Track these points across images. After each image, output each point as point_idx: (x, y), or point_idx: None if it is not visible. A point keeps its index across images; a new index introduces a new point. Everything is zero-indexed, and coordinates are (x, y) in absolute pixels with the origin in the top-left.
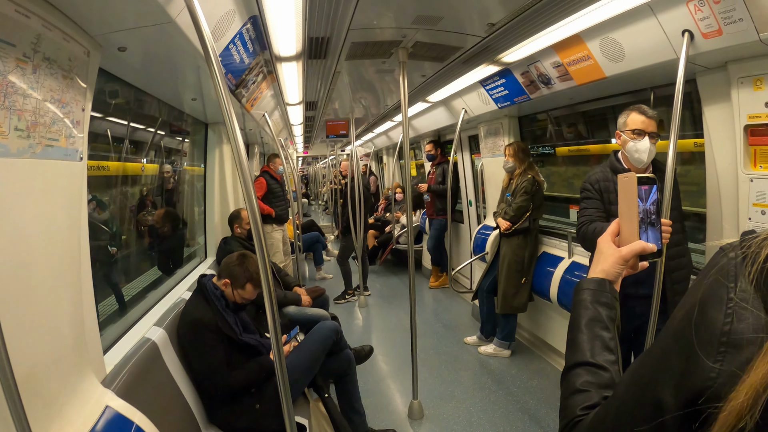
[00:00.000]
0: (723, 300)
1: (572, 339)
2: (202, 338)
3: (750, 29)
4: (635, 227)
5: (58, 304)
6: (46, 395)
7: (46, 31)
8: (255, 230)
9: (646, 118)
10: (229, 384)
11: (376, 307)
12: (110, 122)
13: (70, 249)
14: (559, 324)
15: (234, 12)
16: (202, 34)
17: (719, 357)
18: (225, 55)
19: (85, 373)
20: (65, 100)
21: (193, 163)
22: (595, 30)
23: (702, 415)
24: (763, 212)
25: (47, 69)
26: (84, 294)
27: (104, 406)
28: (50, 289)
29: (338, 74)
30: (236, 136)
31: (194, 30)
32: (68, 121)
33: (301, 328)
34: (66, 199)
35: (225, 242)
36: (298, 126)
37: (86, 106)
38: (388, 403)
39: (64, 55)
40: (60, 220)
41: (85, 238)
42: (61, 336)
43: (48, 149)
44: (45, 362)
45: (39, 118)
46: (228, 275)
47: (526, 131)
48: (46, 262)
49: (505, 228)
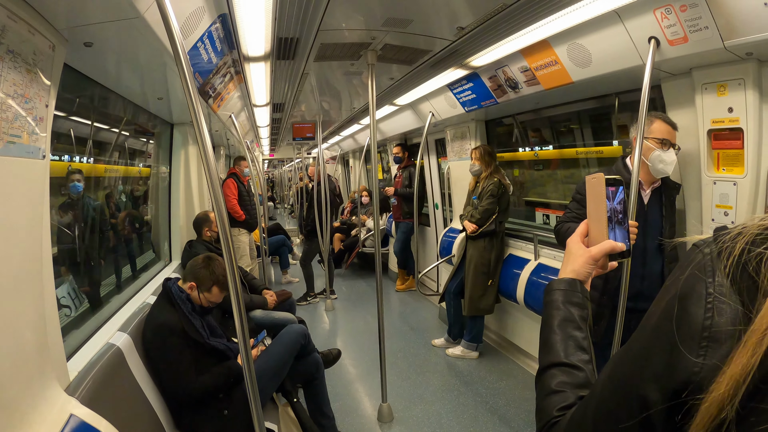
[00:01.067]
0: (702, 295)
1: (545, 340)
2: (168, 343)
3: (715, 37)
4: (604, 227)
5: (19, 308)
6: (8, 403)
7: (11, 23)
8: (222, 233)
9: (671, 128)
10: (197, 389)
11: (342, 310)
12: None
13: (32, 251)
14: (526, 325)
15: (203, 9)
16: (171, 31)
17: (701, 351)
18: (193, 53)
19: (48, 381)
20: (28, 95)
21: (158, 165)
22: (563, 36)
23: (684, 407)
24: (726, 213)
25: (11, 62)
26: (46, 298)
27: (68, 414)
28: (10, 292)
29: (306, 76)
30: (204, 137)
31: (163, 26)
32: (31, 117)
33: (268, 332)
34: (28, 199)
35: (190, 245)
36: (264, 128)
37: (50, 102)
38: (357, 406)
39: (28, 49)
40: (21, 221)
41: (47, 240)
42: (23, 341)
43: (9, 146)
44: (5, 369)
45: (1, 113)
46: (194, 278)
47: (492, 135)
48: (6, 264)
49: (472, 231)
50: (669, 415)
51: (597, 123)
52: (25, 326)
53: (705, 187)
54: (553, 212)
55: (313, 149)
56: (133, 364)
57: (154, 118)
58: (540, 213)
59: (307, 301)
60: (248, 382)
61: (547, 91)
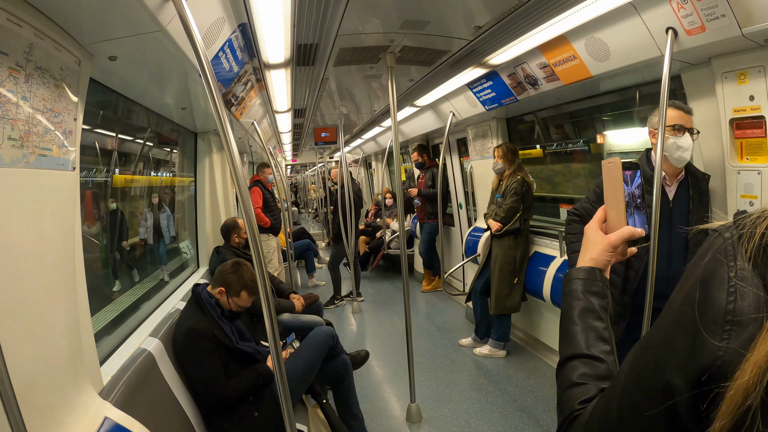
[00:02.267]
0: (724, 279)
1: (565, 331)
2: (199, 347)
3: (732, 25)
4: (622, 213)
5: (54, 316)
6: (45, 407)
7: (38, 40)
8: (252, 239)
9: (683, 113)
10: (227, 392)
11: (369, 312)
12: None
13: (64, 259)
14: (553, 323)
15: (223, 20)
16: (195, 43)
17: (725, 335)
18: (215, 63)
19: (83, 385)
20: (57, 109)
21: (182, 173)
22: (580, 30)
23: (710, 396)
24: (751, 203)
25: (39, 78)
26: (79, 305)
27: (103, 417)
28: (45, 300)
29: (326, 80)
30: (231, 144)
31: (184, 38)
32: (61, 130)
33: (296, 335)
34: (60, 209)
35: (218, 251)
36: (286, 134)
37: (78, 116)
38: (386, 407)
39: (55, 65)
40: (54, 231)
41: (79, 249)
42: (58, 347)
43: (41, 159)
44: (42, 374)
45: (32, 127)
46: (223, 283)
47: (513, 133)
48: (40, 273)
49: (496, 229)
50: (694, 404)
51: (618, 116)
52: (59, 333)
53: (729, 177)
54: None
55: (336, 153)
56: (164, 368)
57: (177, 127)
58: (564, 209)
59: (335, 305)
60: (279, 383)
61: (567, 87)
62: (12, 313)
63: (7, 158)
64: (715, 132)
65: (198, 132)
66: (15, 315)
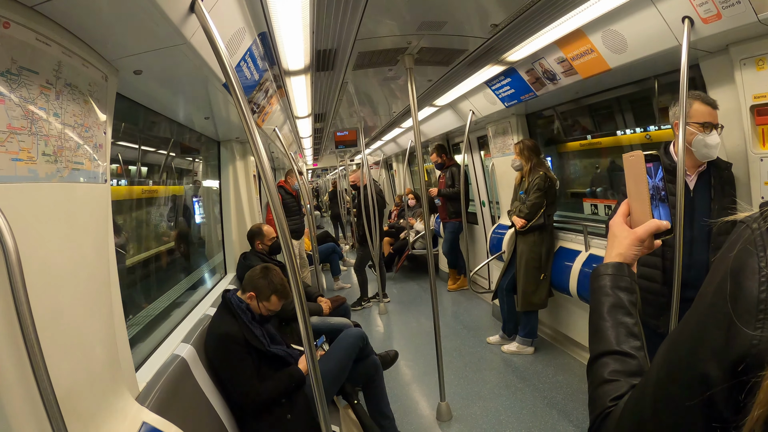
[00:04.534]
0: (755, 269)
1: (595, 328)
2: (231, 352)
3: (748, 11)
4: (647, 206)
5: (90, 325)
6: (85, 414)
7: (66, 58)
8: (284, 241)
9: (710, 108)
10: (260, 396)
11: (396, 313)
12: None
13: (100, 270)
14: (581, 318)
15: (244, 30)
16: (219, 54)
17: (759, 324)
18: (237, 72)
19: (120, 391)
20: (87, 124)
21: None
22: (596, 23)
23: (747, 385)
24: None
25: (69, 94)
26: (115, 314)
27: (141, 422)
28: (82, 310)
29: (345, 84)
30: (260, 152)
31: (208, 50)
32: (91, 144)
33: (325, 337)
34: (93, 221)
35: (245, 257)
36: (307, 138)
37: (107, 129)
38: (416, 406)
39: (83, 81)
40: (88, 242)
41: (112, 259)
42: (95, 356)
43: (74, 173)
44: (82, 382)
45: (64, 142)
46: (253, 288)
47: (534, 128)
48: (76, 284)
49: (521, 226)
50: (731, 394)
51: (639, 107)
52: (96, 342)
53: (752, 164)
54: (600, 201)
55: (356, 156)
56: (197, 373)
57: (200, 136)
58: (588, 203)
59: (362, 306)
60: (314, 385)
61: (586, 80)
62: (51, 324)
63: (42, 173)
64: (736, 120)
65: (221, 140)
66: (54, 326)
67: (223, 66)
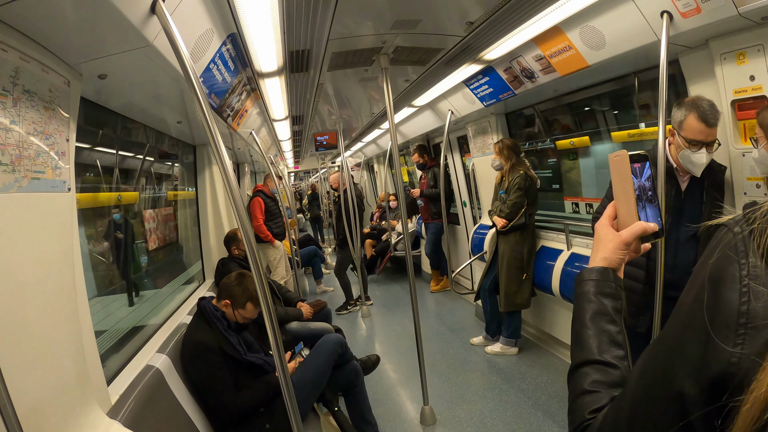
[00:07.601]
0: (736, 278)
1: (577, 335)
2: (207, 361)
3: (728, 4)
4: (633, 208)
5: (57, 337)
6: (51, 430)
7: (24, 64)
8: (249, 249)
9: (706, 127)
10: (238, 405)
11: (378, 316)
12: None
13: (65, 282)
14: (564, 317)
15: (212, 31)
16: (181, 56)
17: (739, 340)
18: (207, 75)
19: (90, 405)
20: (48, 131)
21: (184, 187)
22: (574, 19)
23: (725, 411)
24: (758, 185)
25: (28, 101)
26: (83, 325)
27: None
28: (47, 322)
29: (322, 86)
30: (223, 157)
31: (172, 52)
32: (53, 152)
33: (306, 343)
34: (57, 231)
35: (223, 263)
36: (286, 141)
37: (70, 136)
38: (399, 410)
39: (44, 87)
40: (52, 252)
41: (79, 269)
42: (62, 369)
43: (35, 182)
44: (47, 397)
45: (23, 151)
46: (228, 296)
47: (514, 127)
48: (42, 296)
49: (502, 225)
50: (708, 419)
51: (619, 104)
52: (63, 355)
53: (734, 160)
54: (582, 200)
55: (337, 158)
56: (173, 384)
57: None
58: (569, 202)
59: (348, 310)
60: (286, 394)
61: (564, 78)
62: (14, 337)
63: None
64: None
65: (196, 144)
66: (17, 339)
67: (184, 68)
